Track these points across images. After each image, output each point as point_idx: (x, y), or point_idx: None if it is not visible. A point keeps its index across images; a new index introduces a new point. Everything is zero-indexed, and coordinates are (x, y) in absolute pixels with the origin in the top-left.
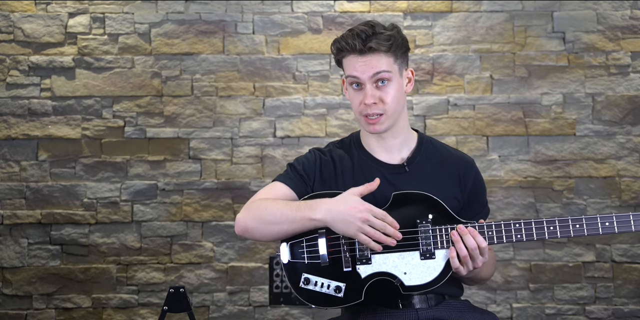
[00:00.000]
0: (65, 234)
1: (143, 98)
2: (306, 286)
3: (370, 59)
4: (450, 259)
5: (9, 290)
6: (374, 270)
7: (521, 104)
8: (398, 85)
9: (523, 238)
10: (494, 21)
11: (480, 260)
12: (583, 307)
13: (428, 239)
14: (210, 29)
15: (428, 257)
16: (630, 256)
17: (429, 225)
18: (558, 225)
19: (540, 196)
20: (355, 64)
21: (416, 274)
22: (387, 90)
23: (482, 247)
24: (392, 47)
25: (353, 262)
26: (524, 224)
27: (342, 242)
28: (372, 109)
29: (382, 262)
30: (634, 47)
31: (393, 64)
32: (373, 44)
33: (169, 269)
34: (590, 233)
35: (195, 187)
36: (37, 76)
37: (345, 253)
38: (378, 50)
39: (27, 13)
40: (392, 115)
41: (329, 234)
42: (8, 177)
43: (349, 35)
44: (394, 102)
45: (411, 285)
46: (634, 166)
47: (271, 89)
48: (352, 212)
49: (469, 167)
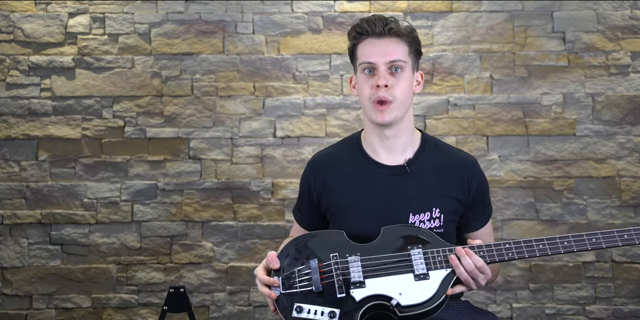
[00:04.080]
0: (65, 234)
1: (143, 98)
2: (299, 314)
3: (388, 44)
4: (457, 290)
5: (9, 290)
6: (368, 293)
7: (521, 104)
8: (409, 79)
9: (516, 256)
10: (494, 21)
11: (482, 278)
12: (583, 307)
13: (421, 262)
14: (210, 29)
15: (422, 278)
16: (630, 256)
17: (420, 249)
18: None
19: (540, 196)
20: (373, 48)
21: (412, 293)
22: (399, 80)
23: (479, 266)
24: (410, 35)
25: (347, 287)
26: (513, 244)
27: (333, 268)
28: (383, 92)
29: (376, 285)
30: (634, 47)
31: (408, 55)
32: (393, 26)
33: (169, 269)
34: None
35: (195, 187)
36: (37, 76)
37: (339, 277)
38: (398, 33)
39: (27, 13)
40: (400, 106)
41: (320, 262)
42: (8, 177)
43: (369, 19)
44: (404, 94)
45: (408, 304)
46: (634, 166)
47: (271, 89)
48: None
49: (473, 169)
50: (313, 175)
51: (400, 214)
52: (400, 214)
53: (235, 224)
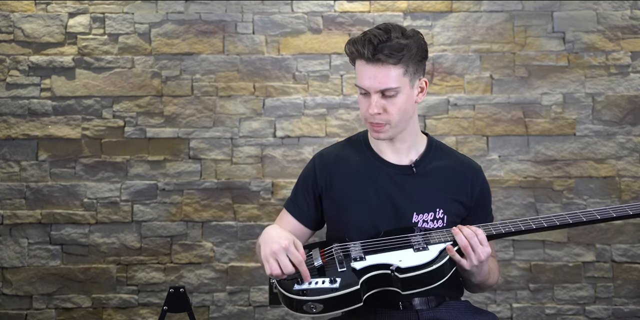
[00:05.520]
0: (65, 234)
1: (143, 98)
2: (300, 286)
3: (379, 71)
4: (451, 256)
5: (9, 290)
6: (369, 264)
7: (521, 104)
8: (406, 97)
9: (512, 229)
10: (494, 21)
11: (482, 250)
12: (583, 307)
13: (420, 239)
14: (210, 29)
15: (421, 250)
16: (630, 256)
17: (420, 233)
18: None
19: (540, 196)
20: (364, 73)
21: (411, 260)
22: (394, 102)
23: (479, 234)
24: (402, 59)
25: (347, 262)
26: (509, 221)
27: (334, 249)
28: (376, 118)
29: (377, 258)
30: (634, 47)
31: (403, 76)
32: (382, 55)
33: (169, 269)
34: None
35: (195, 187)
36: (37, 76)
37: (339, 254)
38: (387, 61)
39: (27, 13)
40: (396, 126)
41: (322, 248)
42: (8, 177)
43: (360, 41)
44: (399, 114)
45: (408, 266)
46: (634, 166)
47: (271, 89)
48: (277, 237)
49: (477, 174)
50: (320, 168)
51: (404, 212)
52: (404, 213)
53: (235, 224)
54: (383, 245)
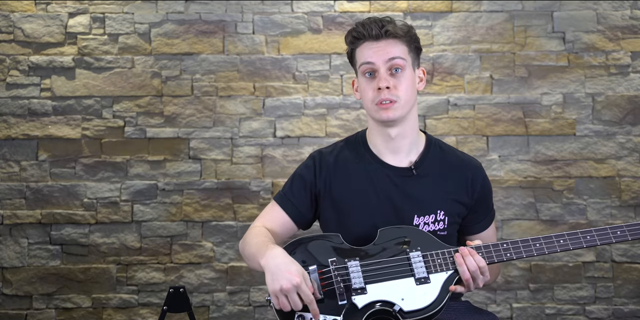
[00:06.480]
0: (65, 234)
1: (143, 98)
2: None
3: (386, 44)
4: (458, 290)
5: (9, 290)
6: (370, 300)
7: (521, 104)
8: (411, 77)
9: (514, 256)
10: (494, 21)
11: (481, 279)
12: (583, 307)
13: (421, 265)
14: (210, 29)
15: (423, 282)
16: (630, 256)
17: (419, 252)
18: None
19: (540, 196)
20: (370, 51)
21: (414, 298)
22: (401, 80)
23: (482, 266)
24: (407, 35)
25: (348, 294)
26: (511, 244)
27: (333, 274)
28: (385, 94)
29: (378, 290)
30: (634, 47)
31: (407, 54)
32: (390, 27)
33: (169, 269)
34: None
35: (195, 187)
36: (37, 76)
37: (339, 284)
38: (394, 34)
39: (27, 13)
40: (405, 104)
41: (320, 269)
42: (8, 177)
43: (365, 22)
44: (407, 93)
45: (411, 310)
46: (634, 166)
47: (271, 89)
48: (287, 272)
49: (477, 172)
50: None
51: (405, 215)
52: (405, 216)
53: (235, 224)
54: (383, 269)
